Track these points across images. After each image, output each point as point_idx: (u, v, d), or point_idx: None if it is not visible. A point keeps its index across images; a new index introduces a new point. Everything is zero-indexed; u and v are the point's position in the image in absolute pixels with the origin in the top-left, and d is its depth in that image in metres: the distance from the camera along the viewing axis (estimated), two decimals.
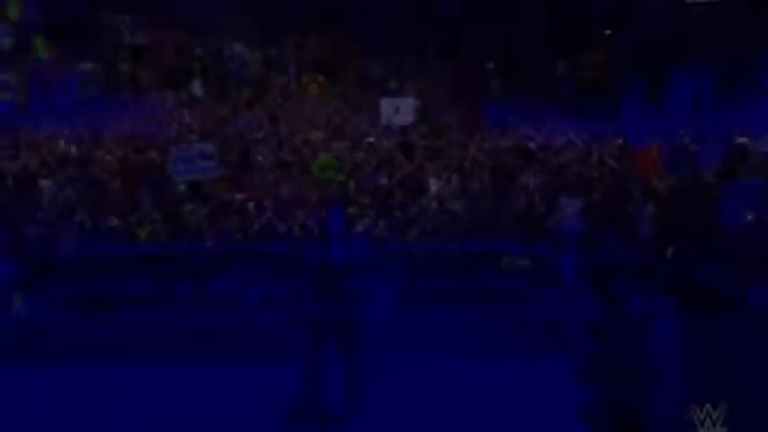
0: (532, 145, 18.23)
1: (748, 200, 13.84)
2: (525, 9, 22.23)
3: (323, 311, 10.51)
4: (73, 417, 10.30)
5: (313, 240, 11.14)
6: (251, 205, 15.40)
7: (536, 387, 10.67)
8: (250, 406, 10.42)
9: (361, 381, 10.48)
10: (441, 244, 14.19)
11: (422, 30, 22.82)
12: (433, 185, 16.35)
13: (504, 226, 14.70)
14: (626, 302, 11.15)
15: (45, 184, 15.94)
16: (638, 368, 9.94)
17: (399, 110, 17.80)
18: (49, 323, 13.08)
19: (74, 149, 17.66)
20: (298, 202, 15.43)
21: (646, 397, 9.76)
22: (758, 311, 10.65)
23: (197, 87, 22.52)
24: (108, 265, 13.86)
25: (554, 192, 15.49)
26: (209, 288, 13.77)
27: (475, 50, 23.01)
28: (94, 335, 12.74)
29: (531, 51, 22.47)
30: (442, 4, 22.51)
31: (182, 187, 15.84)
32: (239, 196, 15.77)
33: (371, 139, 18.45)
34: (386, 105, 17.98)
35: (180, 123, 19.70)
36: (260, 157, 17.57)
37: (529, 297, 13.13)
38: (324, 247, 10.69)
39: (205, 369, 11.45)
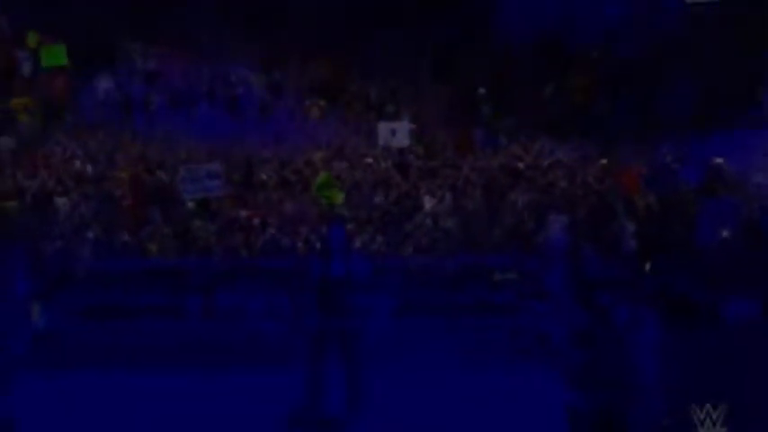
0: (521, 165, 18.24)
1: (724, 217, 13.88)
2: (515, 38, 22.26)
3: (324, 323, 10.53)
4: (87, 421, 10.35)
5: (315, 255, 11.17)
6: (256, 222, 15.41)
7: (526, 393, 10.70)
8: (255, 412, 10.40)
9: (360, 388, 10.50)
10: (435, 259, 14.18)
11: (417, 57, 22.83)
12: (428, 203, 16.35)
13: (495, 241, 14.71)
14: (610, 313, 11.16)
15: (61, 201, 15.95)
16: (621, 375, 9.96)
17: (396, 133, 17.78)
18: (65, 332, 13.05)
19: (89, 168, 17.67)
20: (300, 219, 15.44)
21: (629, 402, 9.79)
22: (732, 322, 10.67)
23: (204, 109, 22.48)
24: (120, 278, 13.86)
25: (542, 209, 15.51)
26: (215, 300, 13.76)
27: (467, 76, 23.03)
28: (107, 344, 12.73)
29: (519, 77, 22.48)
30: (435, 33, 22.51)
31: (190, 204, 15.87)
32: (244, 213, 15.79)
33: (369, 160, 18.46)
34: (383, 129, 17.97)
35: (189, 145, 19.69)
36: (264, 176, 17.57)
37: (519, 309, 13.13)
38: (325, 262, 10.72)
39: (212, 377, 11.46)
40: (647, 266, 12.67)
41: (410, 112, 21.25)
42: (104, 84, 21.44)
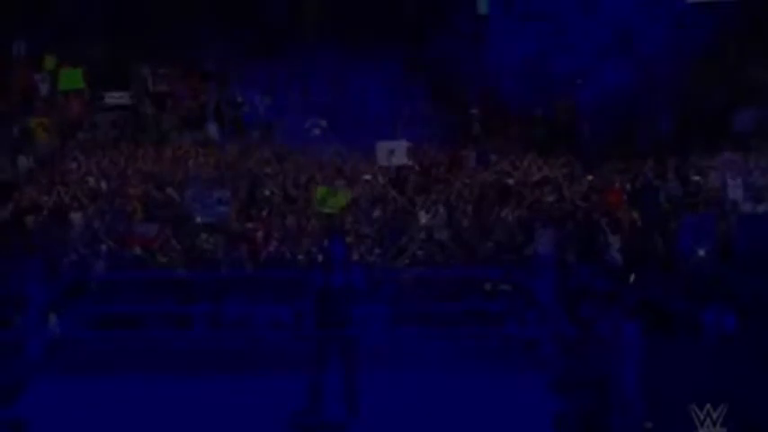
0: (511, 181, 18.26)
1: (702, 232, 13.90)
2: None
3: (324, 331, 10.54)
4: (98, 425, 10.38)
5: (316, 267, 11.18)
6: (260, 235, 15.43)
7: (515, 398, 10.71)
8: (258, 415, 10.42)
9: (358, 393, 10.51)
10: (430, 270, 14.17)
11: (413, 79, 22.89)
12: (423, 218, 16.35)
13: (487, 254, 14.72)
14: (595, 323, 11.18)
15: (76, 216, 15.97)
16: (605, 381, 9.98)
17: (394, 152, 17.76)
18: (79, 339, 13.06)
19: (103, 185, 17.69)
20: (302, 233, 15.47)
21: (612, 406, 9.80)
22: (709, 331, 10.70)
23: (212, 129, 22.52)
24: (131, 288, 13.85)
25: (530, 223, 15.54)
26: (222, 309, 13.76)
27: (460, 98, 23.09)
28: (119, 350, 12.73)
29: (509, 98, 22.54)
30: (430, 55, 22.55)
31: (198, 219, 15.92)
32: (249, 227, 15.83)
33: (368, 176, 18.48)
34: (381, 148, 17.96)
35: (197, 162, 19.71)
36: (268, 192, 17.59)
37: (509, 318, 13.14)
38: (325, 273, 10.74)
39: (218, 382, 11.45)
40: (631, 279, 12.69)
41: (406, 131, 21.30)
42: (117, 103, 21.39)
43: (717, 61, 21.07)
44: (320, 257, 11.80)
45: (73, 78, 19.61)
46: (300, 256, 14.53)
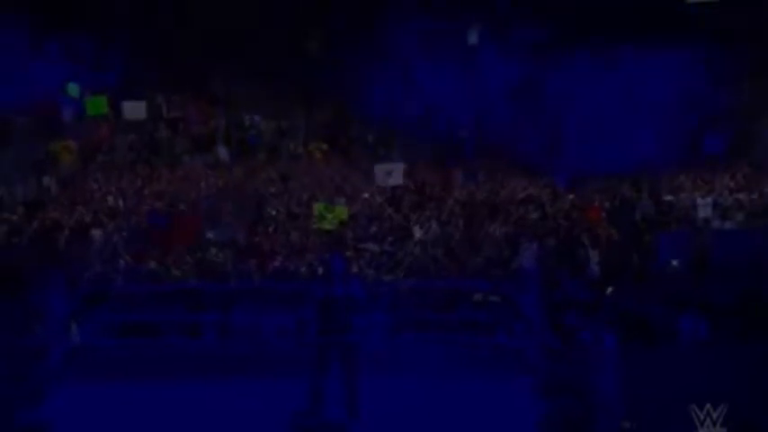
0: (498, 199, 18.27)
1: (676, 247, 13.90)
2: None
3: (326, 338, 10.50)
4: (116, 426, 10.34)
5: (317, 279, 11.14)
6: (266, 250, 15.38)
7: (503, 400, 10.69)
8: (264, 416, 10.38)
9: (357, 396, 10.47)
10: (423, 282, 14.13)
11: (407, 106, 22.98)
12: (417, 233, 16.34)
13: (476, 267, 14.68)
14: (576, 331, 11.15)
15: (96, 232, 15.92)
16: (586, 385, 9.94)
17: (391, 173, 17.72)
18: (98, 347, 13.00)
19: (121, 203, 17.66)
20: (305, 248, 15.43)
21: (593, 408, 9.77)
22: (683, 338, 10.68)
23: (222, 152, 22.53)
24: (147, 299, 13.80)
25: (516, 239, 15.51)
26: (231, 318, 13.71)
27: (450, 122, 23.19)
28: (135, 357, 12.68)
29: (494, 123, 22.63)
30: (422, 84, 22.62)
31: (209, 235, 15.90)
32: (256, 242, 15.78)
33: (366, 195, 18.47)
34: (379, 170, 17.94)
35: (207, 182, 19.72)
36: (273, 211, 17.57)
37: (497, 327, 13.10)
38: (326, 285, 10.71)
39: (227, 385, 11.42)
40: (609, 290, 12.67)
41: (401, 153, 21.32)
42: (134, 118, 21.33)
43: (689, 89, 21.18)
44: (321, 270, 11.76)
45: (98, 105, 19.69)
46: (303, 269, 14.47)
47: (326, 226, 15.59)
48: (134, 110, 20.61)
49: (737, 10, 20.06)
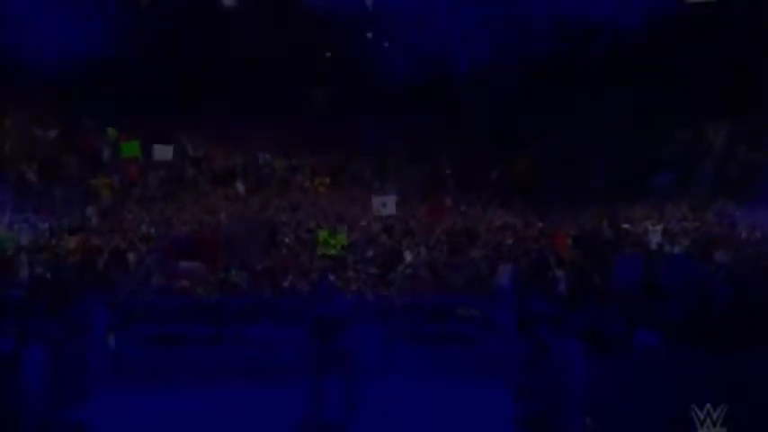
0: (479, 227, 18.31)
1: (631, 268, 13.93)
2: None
3: (327, 348, 10.49)
4: (151, 427, 10.29)
5: (321, 296, 11.15)
6: (278, 271, 15.37)
7: (483, 404, 10.70)
8: (271, 417, 10.38)
9: (355, 399, 10.45)
10: (413, 298, 14.13)
11: (402, 145, 23.08)
12: (408, 256, 16.38)
13: (459, 286, 14.70)
14: (546, 342, 11.12)
15: (131, 256, 15.92)
16: (554, 388, 9.92)
17: (386, 204, 17.83)
18: (133, 356, 12.94)
19: (153, 231, 17.67)
20: (311, 269, 15.43)
21: (561, 409, 9.74)
22: (639, 348, 10.68)
23: (239, 186, 22.59)
24: (175, 313, 13.77)
25: (494, 261, 15.54)
26: (247, 330, 13.66)
27: (437, 158, 23.28)
28: (164, 364, 12.63)
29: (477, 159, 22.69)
30: (413, 123, 22.66)
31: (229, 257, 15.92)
32: (269, 264, 15.77)
33: (363, 223, 18.51)
34: (375, 202, 18.04)
35: (227, 212, 19.76)
36: (284, 237, 17.60)
37: (477, 338, 13.08)
38: (328, 301, 10.73)
39: (241, 389, 11.46)
40: (577, 306, 12.65)
41: (394, 186, 21.41)
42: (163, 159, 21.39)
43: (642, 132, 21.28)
44: (313, 290, 11.79)
45: (131, 148, 19.85)
46: (308, 288, 14.46)
47: (330, 251, 15.66)
48: (163, 152, 20.75)
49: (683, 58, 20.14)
